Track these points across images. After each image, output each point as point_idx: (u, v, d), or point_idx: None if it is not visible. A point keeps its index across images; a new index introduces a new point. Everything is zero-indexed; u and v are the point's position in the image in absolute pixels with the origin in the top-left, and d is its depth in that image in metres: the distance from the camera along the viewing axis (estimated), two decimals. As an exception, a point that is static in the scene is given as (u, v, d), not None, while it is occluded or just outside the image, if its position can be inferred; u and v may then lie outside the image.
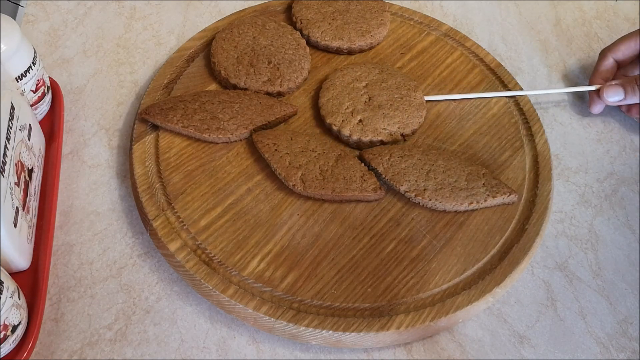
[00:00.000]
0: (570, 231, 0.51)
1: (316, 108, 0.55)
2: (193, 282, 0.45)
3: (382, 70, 0.56)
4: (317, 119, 0.54)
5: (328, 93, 0.54)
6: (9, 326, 0.39)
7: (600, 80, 0.58)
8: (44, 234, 0.46)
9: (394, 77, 0.55)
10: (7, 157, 0.42)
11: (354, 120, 0.52)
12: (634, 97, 0.54)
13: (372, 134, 0.51)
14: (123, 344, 0.43)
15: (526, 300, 0.47)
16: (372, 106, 0.53)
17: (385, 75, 0.56)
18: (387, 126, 0.52)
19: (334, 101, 0.53)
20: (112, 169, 0.53)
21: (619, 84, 0.55)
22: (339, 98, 0.54)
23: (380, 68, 0.56)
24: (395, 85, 0.55)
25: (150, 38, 0.64)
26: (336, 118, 0.52)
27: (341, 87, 0.54)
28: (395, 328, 0.42)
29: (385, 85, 0.55)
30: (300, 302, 0.43)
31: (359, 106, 0.53)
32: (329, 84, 0.55)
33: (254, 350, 0.43)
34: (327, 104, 0.53)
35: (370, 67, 0.56)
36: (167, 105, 0.52)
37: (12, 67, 0.48)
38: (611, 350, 0.44)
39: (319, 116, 0.54)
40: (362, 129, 0.52)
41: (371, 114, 0.52)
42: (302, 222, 0.47)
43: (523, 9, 0.71)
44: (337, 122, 0.52)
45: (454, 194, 0.48)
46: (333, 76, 0.55)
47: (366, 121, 0.52)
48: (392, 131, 0.52)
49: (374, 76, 0.55)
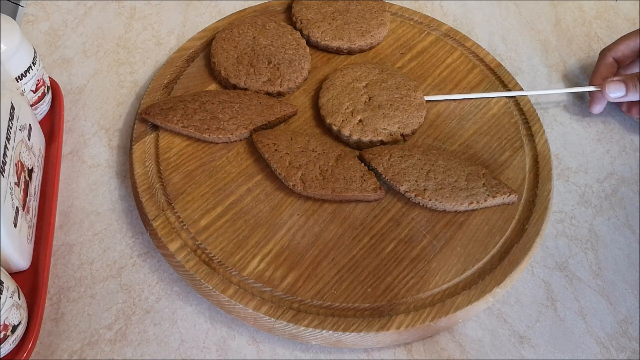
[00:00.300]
0: (570, 231, 0.51)
1: (316, 108, 0.55)
2: (193, 282, 0.45)
3: (382, 70, 0.56)
4: (317, 119, 0.54)
5: (328, 93, 0.54)
6: (9, 326, 0.39)
7: (600, 80, 0.58)
8: (44, 234, 0.46)
9: (394, 77, 0.55)
10: (7, 157, 0.42)
11: (354, 120, 0.52)
12: (635, 94, 0.54)
13: (372, 134, 0.51)
14: (123, 344, 0.43)
15: (526, 300, 0.47)
16: (372, 106, 0.53)
17: (385, 75, 0.56)
18: (387, 126, 0.52)
19: (334, 101, 0.53)
20: (112, 169, 0.53)
21: (621, 80, 0.55)
22: (339, 98, 0.54)
23: (380, 68, 0.56)
24: (395, 85, 0.55)
25: (150, 38, 0.64)
26: (336, 118, 0.52)
27: (341, 87, 0.54)
28: (395, 328, 0.42)
29: (385, 85, 0.55)
30: (300, 302, 0.43)
31: (359, 106, 0.53)
32: (329, 84, 0.55)
33: (254, 350, 0.43)
34: (327, 104, 0.53)
35: (370, 67, 0.56)
36: (167, 105, 0.52)
37: (12, 67, 0.48)
38: (611, 350, 0.44)
39: (319, 116, 0.54)
40: (362, 129, 0.52)
41: (371, 114, 0.52)
42: (302, 222, 0.47)
43: (523, 9, 0.71)
44: (337, 122, 0.52)
45: (454, 194, 0.48)
46: (333, 76, 0.55)
47: (366, 121, 0.52)
48: (392, 131, 0.52)
49: (374, 76, 0.55)
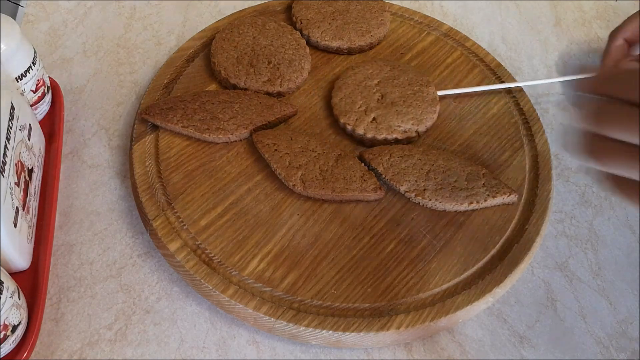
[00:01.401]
0: (570, 231, 0.51)
1: (317, 107, 0.55)
2: (193, 282, 0.45)
3: (393, 67, 0.56)
4: (318, 119, 0.54)
5: (340, 92, 0.54)
6: (9, 326, 0.39)
7: (612, 62, 0.58)
8: (44, 234, 0.46)
9: (406, 74, 0.55)
10: (7, 157, 0.42)
11: (367, 119, 0.52)
12: None
13: (387, 132, 0.51)
14: (123, 344, 0.43)
15: (526, 300, 0.47)
16: (385, 103, 0.53)
17: (396, 71, 0.55)
18: (402, 123, 0.52)
19: (346, 100, 0.53)
20: (112, 169, 0.53)
21: None
22: (352, 97, 0.53)
23: (391, 65, 0.56)
24: (408, 82, 0.54)
25: (150, 38, 0.64)
26: (350, 117, 0.52)
27: (353, 86, 0.54)
28: (395, 328, 0.42)
29: (397, 82, 0.54)
30: (300, 302, 0.43)
31: (372, 104, 0.53)
32: (341, 83, 0.54)
33: (254, 350, 0.43)
34: (340, 103, 0.53)
35: (381, 64, 0.56)
36: (167, 105, 0.52)
37: (12, 67, 0.48)
38: (611, 351, 0.44)
39: (319, 116, 0.54)
40: (376, 127, 0.51)
41: (384, 111, 0.52)
42: (302, 222, 0.47)
43: (523, 9, 0.71)
44: (351, 121, 0.52)
45: (454, 194, 0.48)
46: (345, 75, 0.55)
47: (380, 119, 0.52)
48: (406, 128, 0.52)
49: (386, 73, 0.55)
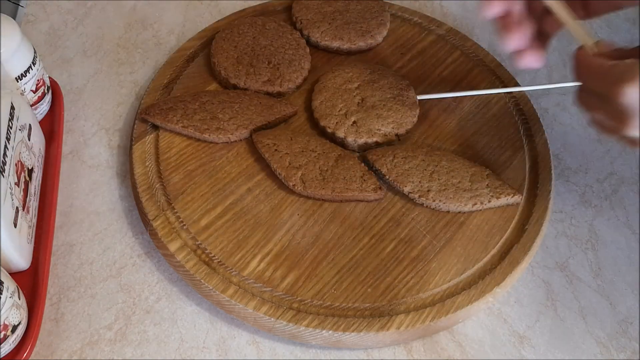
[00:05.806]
0: (570, 231, 0.51)
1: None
2: (193, 282, 0.45)
3: (373, 71, 0.56)
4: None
5: (321, 95, 0.54)
6: (9, 326, 0.39)
7: None
8: (44, 234, 0.46)
9: (386, 77, 0.55)
10: (7, 157, 0.42)
11: (348, 122, 0.52)
12: None
13: (367, 135, 0.51)
14: (123, 344, 0.43)
15: (526, 300, 0.47)
16: (365, 107, 0.53)
17: (376, 75, 0.55)
18: (382, 127, 0.52)
19: (327, 103, 0.53)
20: (112, 169, 0.53)
21: None
22: (332, 100, 0.53)
23: (371, 68, 0.56)
24: (387, 85, 0.54)
25: (150, 38, 0.64)
26: (330, 120, 0.52)
27: (333, 89, 0.54)
28: (395, 328, 0.42)
29: (377, 85, 0.54)
30: (300, 302, 0.43)
31: (352, 108, 0.53)
32: (321, 87, 0.54)
33: (254, 350, 0.43)
34: (321, 106, 0.53)
35: (361, 68, 0.56)
36: (167, 105, 0.52)
37: (12, 67, 0.48)
38: (611, 350, 0.44)
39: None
40: (356, 131, 0.51)
41: (365, 114, 0.52)
42: (302, 222, 0.47)
43: (523, 9, 0.71)
44: (332, 125, 0.52)
45: (458, 195, 0.48)
46: (324, 78, 0.55)
47: (360, 122, 0.52)
48: (386, 131, 0.52)
49: (366, 77, 0.55)
